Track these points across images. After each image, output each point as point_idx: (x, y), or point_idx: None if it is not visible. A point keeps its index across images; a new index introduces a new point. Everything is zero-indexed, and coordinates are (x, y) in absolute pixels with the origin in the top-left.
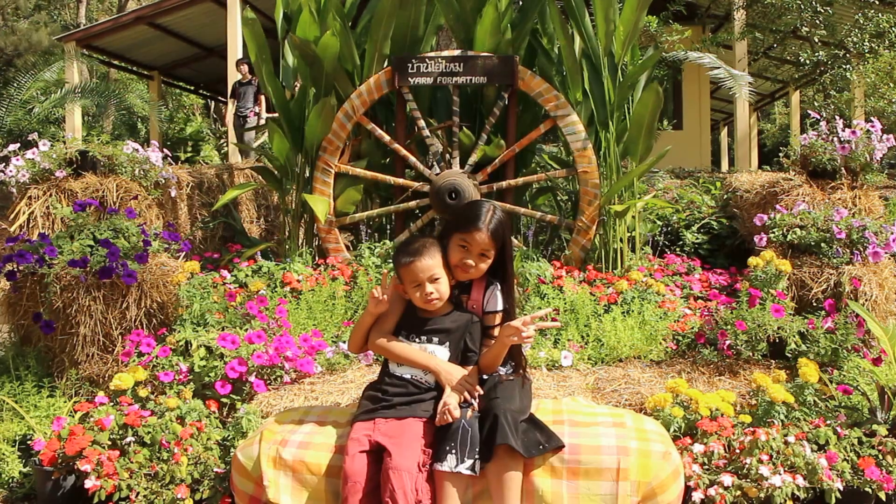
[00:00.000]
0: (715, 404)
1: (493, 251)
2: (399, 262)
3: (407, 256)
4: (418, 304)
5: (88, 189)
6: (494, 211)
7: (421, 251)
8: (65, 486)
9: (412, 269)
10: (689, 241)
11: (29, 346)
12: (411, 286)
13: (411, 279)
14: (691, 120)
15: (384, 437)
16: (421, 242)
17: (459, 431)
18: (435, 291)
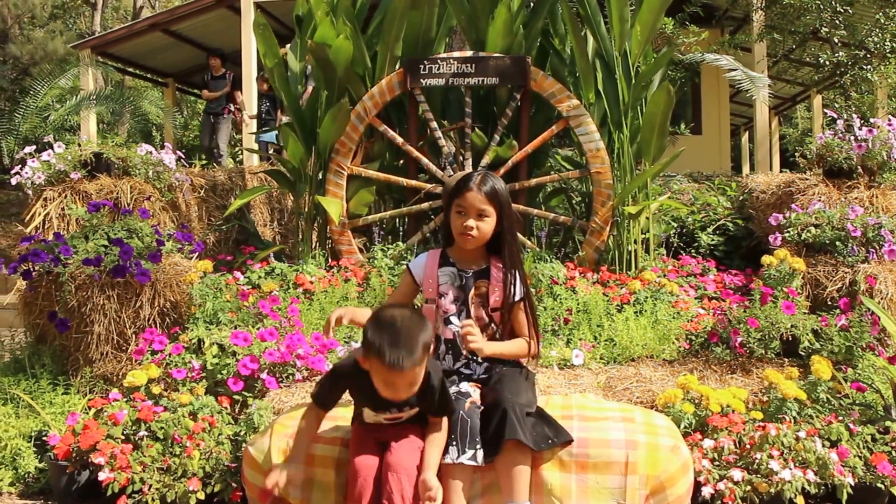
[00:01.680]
0: (726, 401)
1: (492, 210)
2: (379, 357)
3: (392, 361)
4: (383, 394)
5: (103, 191)
6: (485, 175)
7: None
8: (79, 480)
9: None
10: (704, 242)
11: (44, 345)
12: (381, 381)
13: (386, 379)
14: (710, 124)
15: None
16: (411, 343)
17: (459, 423)
18: (406, 394)
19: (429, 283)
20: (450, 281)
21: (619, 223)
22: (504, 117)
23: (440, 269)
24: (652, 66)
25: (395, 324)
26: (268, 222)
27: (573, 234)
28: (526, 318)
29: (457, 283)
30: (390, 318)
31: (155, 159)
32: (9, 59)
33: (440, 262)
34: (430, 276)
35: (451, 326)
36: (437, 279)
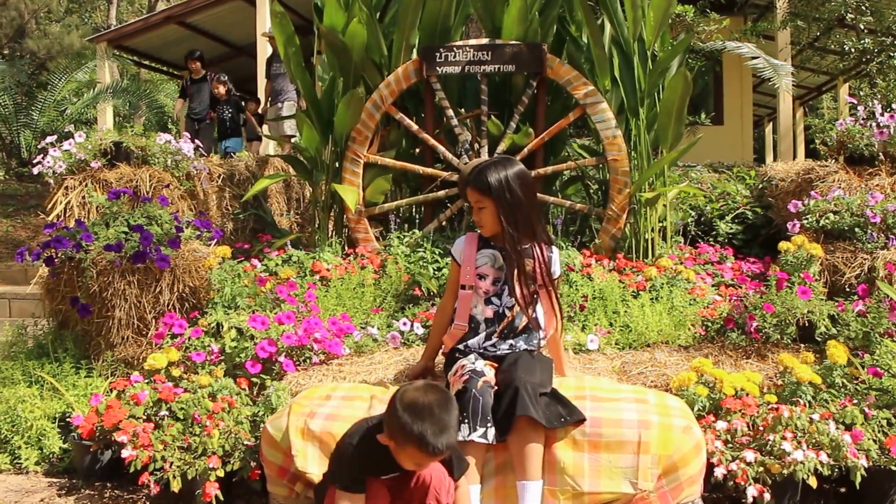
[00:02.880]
0: (740, 384)
1: (487, 200)
2: (423, 446)
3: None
4: (406, 467)
5: (122, 179)
6: (482, 168)
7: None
8: (102, 459)
9: (426, 461)
10: (722, 231)
11: (67, 330)
12: (414, 462)
13: (419, 463)
14: (732, 114)
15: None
16: (448, 434)
17: (471, 401)
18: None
19: (467, 270)
20: (489, 262)
21: (635, 211)
22: (520, 105)
23: (479, 251)
24: (669, 53)
25: (433, 411)
26: (284, 212)
27: (589, 222)
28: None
29: (497, 265)
30: (426, 404)
31: (173, 148)
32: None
33: (479, 244)
34: (468, 261)
35: (491, 306)
36: (475, 263)
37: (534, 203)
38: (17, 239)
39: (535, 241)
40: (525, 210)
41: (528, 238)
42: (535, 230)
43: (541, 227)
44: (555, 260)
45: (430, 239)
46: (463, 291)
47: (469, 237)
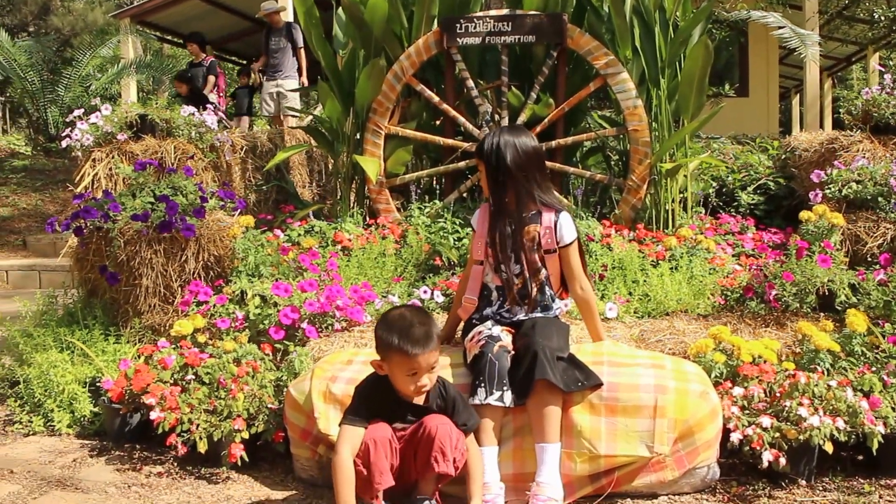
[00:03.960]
0: (758, 351)
1: (481, 164)
2: (400, 349)
3: (413, 346)
4: (406, 391)
5: (148, 151)
6: (486, 134)
7: (428, 339)
8: (131, 422)
9: (417, 362)
10: (744, 201)
11: (96, 298)
12: (404, 374)
13: (408, 369)
14: (758, 86)
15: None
16: (425, 328)
17: (487, 365)
18: (430, 383)
19: (478, 244)
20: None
21: (656, 181)
22: (541, 75)
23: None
24: (690, 22)
25: (405, 317)
26: (307, 184)
27: (610, 193)
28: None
29: (508, 231)
30: (398, 315)
31: (197, 120)
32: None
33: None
34: (480, 233)
35: (500, 273)
36: (485, 234)
37: (532, 170)
38: (45, 212)
39: (540, 207)
40: (515, 176)
41: (531, 204)
42: (533, 196)
43: (545, 192)
44: (563, 224)
45: (450, 209)
46: (475, 267)
47: (483, 208)
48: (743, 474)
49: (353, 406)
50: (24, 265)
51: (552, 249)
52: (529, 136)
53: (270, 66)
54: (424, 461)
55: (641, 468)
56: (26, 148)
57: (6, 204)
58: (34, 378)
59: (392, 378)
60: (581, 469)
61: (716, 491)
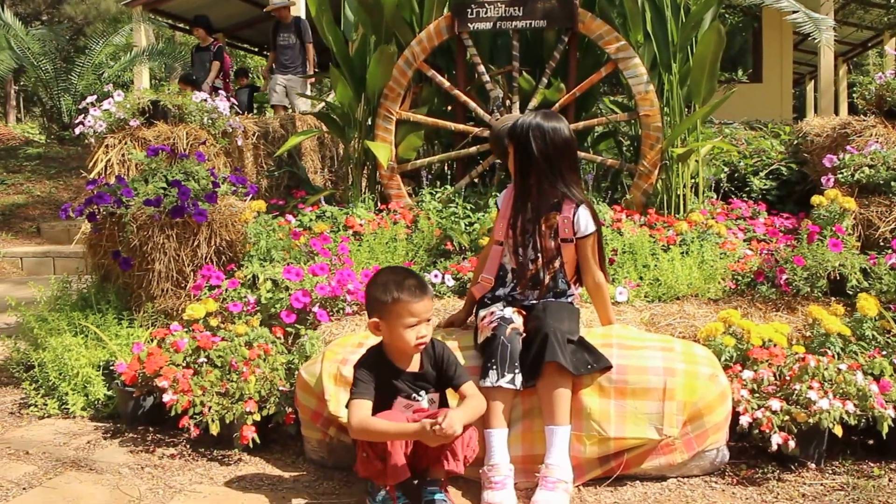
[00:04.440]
0: (768, 335)
1: (510, 146)
2: (398, 300)
3: (410, 294)
4: (405, 345)
5: (160, 137)
6: (520, 117)
7: (423, 289)
8: (144, 405)
9: (417, 308)
10: (756, 187)
11: (109, 283)
12: (403, 327)
13: (408, 318)
14: (771, 72)
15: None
16: (416, 279)
17: (499, 348)
18: (428, 332)
19: (500, 225)
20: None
21: (667, 166)
22: (552, 60)
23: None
24: (702, 6)
25: (394, 271)
26: (318, 169)
27: (621, 178)
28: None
29: (529, 216)
30: (387, 272)
31: (209, 106)
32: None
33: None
34: (502, 215)
35: (517, 256)
36: (508, 216)
37: (559, 160)
38: (59, 199)
39: (563, 197)
40: (541, 164)
41: (554, 193)
42: (556, 185)
43: (572, 184)
44: (581, 216)
45: (461, 194)
46: (495, 247)
47: (510, 188)
48: (752, 457)
49: (357, 379)
50: (39, 252)
51: (569, 239)
52: (564, 124)
53: (279, 63)
54: (436, 455)
55: (651, 451)
56: (40, 136)
57: (21, 191)
58: (49, 362)
59: (391, 337)
60: (590, 451)
61: (725, 474)
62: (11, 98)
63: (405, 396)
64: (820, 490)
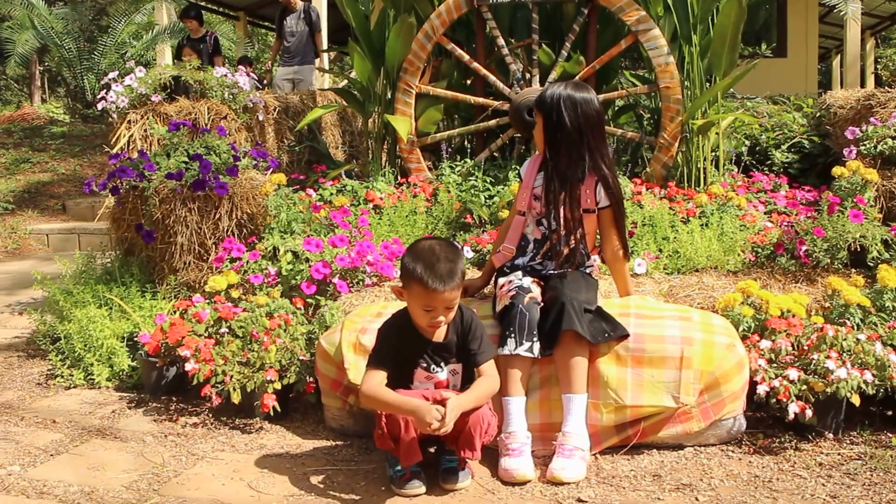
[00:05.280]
0: (787, 306)
1: (539, 116)
2: (421, 281)
3: (434, 281)
4: (419, 323)
5: (182, 112)
6: (548, 86)
7: (451, 277)
8: (168, 375)
9: (436, 298)
10: (777, 160)
11: (132, 257)
12: (421, 307)
13: (425, 304)
14: (796, 46)
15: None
16: (451, 265)
17: (518, 316)
18: (445, 320)
19: (523, 195)
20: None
21: (688, 139)
22: (571, 33)
23: (539, 172)
24: None
25: (433, 250)
26: (339, 144)
27: (641, 151)
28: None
29: (554, 186)
30: (427, 246)
31: (230, 81)
32: None
33: (540, 167)
34: (526, 185)
35: (540, 227)
36: (531, 186)
37: (587, 131)
38: (84, 177)
39: (588, 168)
40: (570, 135)
41: (580, 164)
42: (583, 157)
43: (599, 155)
44: (602, 191)
45: (481, 168)
46: (517, 217)
47: (534, 158)
48: (769, 427)
49: (377, 349)
50: (64, 229)
51: (591, 209)
52: (594, 95)
53: (286, 52)
54: (453, 439)
55: (667, 419)
56: (64, 116)
57: (46, 169)
58: (74, 333)
59: (409, 308)
60: (607, 419)
61: (742, 443)
62: (36, 78)
63: (425, 368)
64: (837, 459)
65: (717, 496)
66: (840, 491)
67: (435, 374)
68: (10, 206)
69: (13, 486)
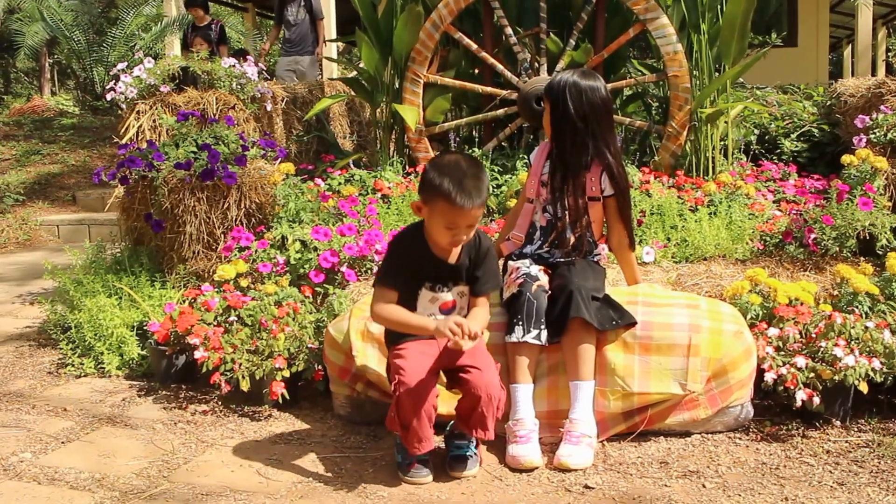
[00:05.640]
0: (795, 294)
1: (547, 103)
2: (447, 197)
3: (460, 196)
4: (439, 241)
5: (190, 102)
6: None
7: (478, 194)
8: (177, 364)
9: (462, 214)
10: (787, 149)
11: (142, 246)
12: (443, 224)
13: (449, 221)
14: (807, 36)
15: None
16: (477, 182)
17: (525, 304)
18: (465, 238)
19: (531, 182)
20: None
21: (696, 128)
22: (579, 22)
23: (547, 160)
24: None
25: (458, 164)
26: (347, 134)
27: (650, 140)
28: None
29: (560, 174)
30: (453, 160)
31: (238, 72)
32: None
33: (548, 154)
34: (534, 172)
35: (546, 214)
36: (540, 173)
37: (594, 120)
38: (93, 168)
39: (595, 156)
40: (575, 123)
41: (586, 151)
42: (589, 144)
43: (605, 143)
44: (606, 179)
45: (489, 157)
46: (526, 205)
47: (543, 146)
48: (777, 415)
49: (387, 265)
50: (74, 220)
51: (596, 198)
52: (601, 83)
53: (286, 41)
54: (465, 414)
55: (674, 406)
56: (74, 108)
57: (56, 161)
58: (85, 322)
59: (428, 225)
60: (614, 407)
61: (749, 430)
62: (45, 71)
63: (430, 288)
64: (845, 447)
65: (725, 483)
66: (847, 478)
67: (440, 295)
68: (20, 198)
69: (25, 472)
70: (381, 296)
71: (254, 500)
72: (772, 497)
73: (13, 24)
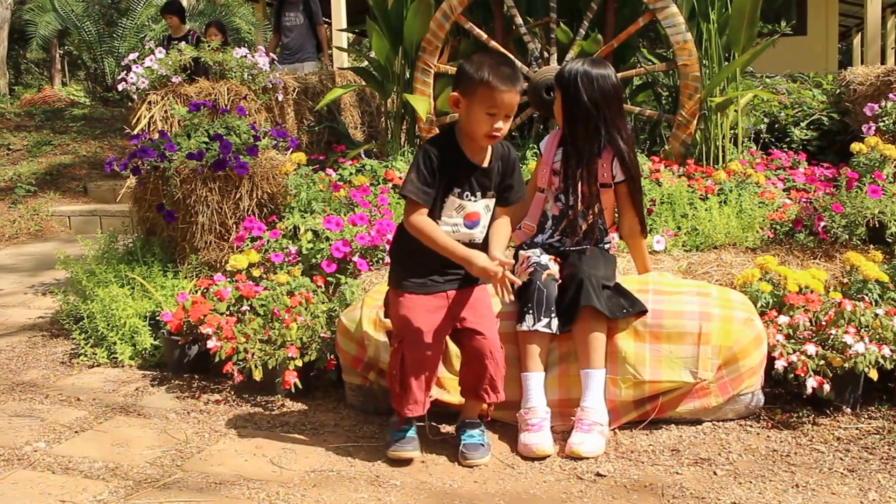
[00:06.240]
0: (805, 281)
1: (557, 91)
2: (487, 83)
3: (500, 81)
4: (478, 131)
5: (202, 93)
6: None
7: (515, 80)
8: (190, 354)
9: (501, 98)
10: (797, 137)
11: (154, 237)
12: (483, 113)
13: (490, 105)
14: (816, 24)
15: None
16: (512, 69)
17: (535, 293)
18: (504, 127)
19: (542, 171)
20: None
21: (706, 117)
22: (589, 11)
23: (559, 148)
24: None
25: (492, 56)
26: (358, 124)
27: (660, 130)
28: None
29: (572, 162)
30: (486, 55)
31: (249, 62)
32: None
33: (559, 143)
34: (545, 161)
35: (559, 203)
36: (551, 161)
37: (605, 107)
38: (104, 159)
39: (606, 143)
40: (587, 110)
41: (597, 139)
42: (601, 132)
43: (617, 130)
44: (618, 165)
45: None
46: (538, 194)
47: (553, 134)
48: (787, 402)
49: (418, 172)
50: (86, 210)
51: (607, 184)
52: (611, 71)
53: (284, 48)
54: (472, 384)
55: (685, 394)
56: (85, 99)
57: (67, 152)
58: (97, 313)
59: (467, 118)
60: (626, 395)
61: (760, 418)
62: (56, 62)
63: (459, 195)
64: (855, 434)
65: (736, 470)
66: (858, 465)
67: (468, 204)
68: (31, 189)
69: (39, 462)
70: (415, 206)
71: (267, 488)
72: (783, 484)
73: (25, 15)
